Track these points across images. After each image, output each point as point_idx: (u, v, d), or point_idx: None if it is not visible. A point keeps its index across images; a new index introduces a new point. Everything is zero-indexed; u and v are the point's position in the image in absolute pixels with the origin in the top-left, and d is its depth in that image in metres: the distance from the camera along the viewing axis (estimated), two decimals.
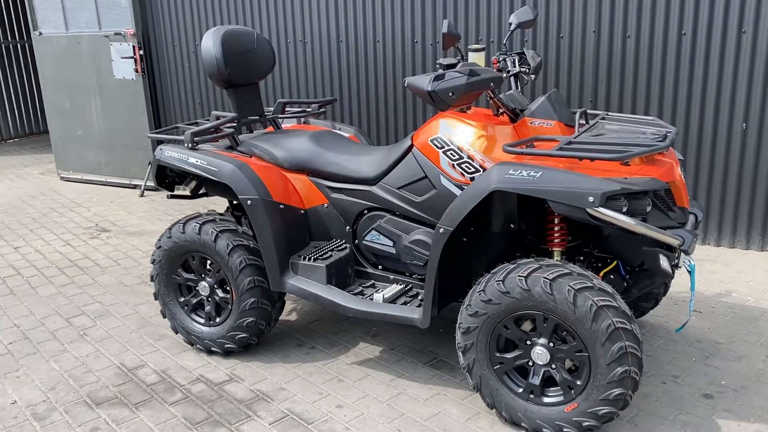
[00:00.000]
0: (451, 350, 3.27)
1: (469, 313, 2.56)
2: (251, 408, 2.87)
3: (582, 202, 2.32)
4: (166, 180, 3.52)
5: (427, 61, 5.16)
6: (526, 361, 2.55)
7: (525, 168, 2.43)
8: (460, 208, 2.57)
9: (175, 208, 5.96)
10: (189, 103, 6.50)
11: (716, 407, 2.75)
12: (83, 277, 4.42)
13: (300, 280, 3.05)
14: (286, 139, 3.27)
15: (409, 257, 2.97)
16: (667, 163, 2.57)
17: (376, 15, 5.26)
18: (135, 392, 3.01)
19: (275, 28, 5.78)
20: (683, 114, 4.40)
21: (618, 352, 2.31)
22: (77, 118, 6.84)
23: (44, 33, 6.76)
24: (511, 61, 3.02)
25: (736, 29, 4.12)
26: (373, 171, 3.03)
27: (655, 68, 4.40)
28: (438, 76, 2.52)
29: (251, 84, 3.51)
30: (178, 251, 3.23)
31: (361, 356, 3.28)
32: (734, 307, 3.63)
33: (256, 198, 3.01)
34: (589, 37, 4.54)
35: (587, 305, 2.32)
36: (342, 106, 5.65)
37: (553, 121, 2.72)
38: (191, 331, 3.31)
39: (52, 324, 3.74)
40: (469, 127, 2.76)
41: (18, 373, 3.22)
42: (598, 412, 2.40)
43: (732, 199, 4.39)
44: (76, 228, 5.52)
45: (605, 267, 2.80)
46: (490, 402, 2.63)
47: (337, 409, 2.83)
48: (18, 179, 7.38)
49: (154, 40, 6.47)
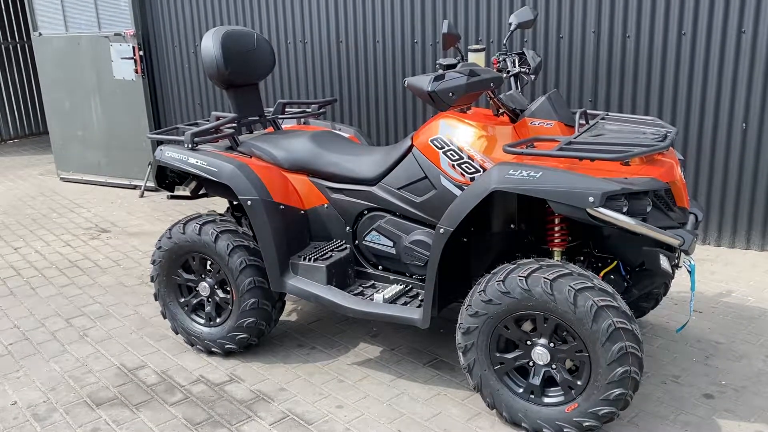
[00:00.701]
0: (451, 351, 3.27)
1: (470, 313, 2.56)
2: (252, 408, 2.87)
3: (582, 203, 2.32)
4: (167, 180, 3.53)
5: (427, 62, 5.16)
6: (527, 361, 2.55)
7: (525, 168, 2.43)
8: (460, 208, 2.57)
9: (175, 209, 5.96)
10: (189, 104, 6.50)
11: (717, 407, 2.75)
12: (83, 278, 4.42)
13: (300, 281, 3.05)
14: (286, 139, 3.27)
15: (410, 258, 2.97)
16: (667, 163, 2.57)
17: (376, 15, 5.26)
18: (135, 393, 3.01)
19: (275, 28, 5.78)
20: (683, 114, 4.40)
21: (618, 352, 2.31)
22: (77, 118, 6.84)
23: (44, 34, 6.76)
24: (511, 61, 3.02)
25: (736, 29, 4.12)
26: (373, 171, 3.03)
27: (654, 68, 4.40)
28: (438, 77, 2.52)
29: (251, 84, 3.51)
30: (178, 252, 3.23)
31: (361, 357, 3.28)
32: (734, 307, 3.63)
33: (256, 198, 3.01)
34: (589, 38, 4.54)
35: (587, 305, 2.32)
36: (342, 106, 5.65)
37: (553, 121, 2.72)
38: (191, 331, 3.31)
39: (53, 325, 3.74)
40: (469, 128, 2.76)
41: (18, 373, 3.22)
42: (598, 412, 2.40)
43: (732, 199, 4.39)
44: (76, 229, 5.52)
45: (605, 267, 2.80)
46: (490, 402, 2.63)
47: (337, 410, 2.83)
48: (18, 180, 7.38)
49: (154, 41, 6.47)
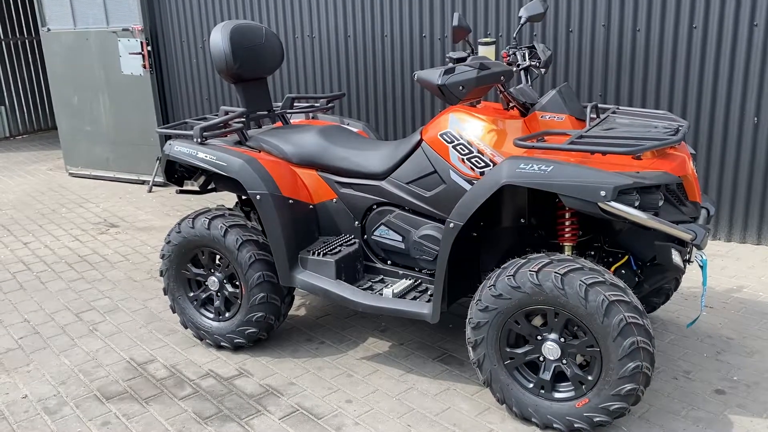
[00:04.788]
0: (460, 345, 3.26)
1: (480, 308, 2.55)
2: (261, 403, 2.87)
3: (594, 197, 2.30)
4: (176, 175, 3.53)
5: (435, 56, 5.14)
6: (537, 356, 2.54)
7: (536, 162, 2.42)
8: (470, 202, 2.55)
9: (183, 204, 5.97)
10: (196, 99, 6.50)
11: (728, 403, 2.74)
12: (92, 273, 4.44)
13: (309, 275, 3.05)
14: (295, 134, 3.27)
15: (419, 252, 2.96)
16: (679, 157, 2.55)
17: (384, 10, 5.24)
18: (145, 387, 3.02)
19: (283, 23, 5.77)
20: (693, 108, 4.36)
21: (630, 347, 2.30)
22: (85, 114, 6.86)
23: (52, 29, 6.77)
24: (521, 54, 3.00)
25: (748, 22, 4.08)
26: (382, 166, 3.02)
27: (665, 62, 4.37)
28: (448, 70, 2.50)
29: (260, 79, 3.50)
30: (187, 246, 3.23)
31: (370, 351, 3.27)
32: (746, 303, 3.61)
33: (265, 193, 3.01)
34: (599, 31, 4.51)
35: (599, 300, 2.31)
36: (350, 101, 5.64)
37: (564, 114, 2.70)
38: (200, 326, 3.31)
39: (62, 319, 3.75)
40: (478, 122, 2.74)
41: (29, 367, 3.23)
42: (609, 408, 2.39)
43: (743, 193, 4.35)
44: (85, 224, 5.54)
45: (616, 262, 2.78)
46: (500, 397, 2.62)
47: (346, 404, 2.83)
48: (27, 175, 7.41)
49: (162, 36, 6.48)
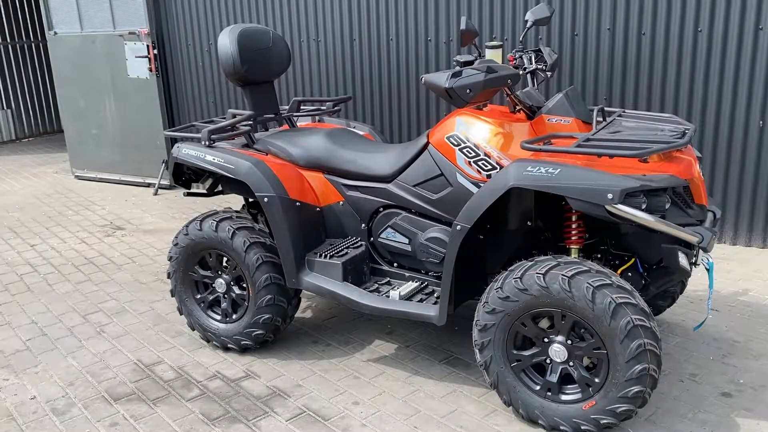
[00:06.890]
0: (466, 348, 3.27)
1: (487, 310, 2.56)
2: (268, 404, 2.88)
3: (601, 199, 2.31)
4: (183, 178, 3.55)
5: (441, 59, 5.16)
6: (544, 358, 2.54)
7: (543, 165, 2.43)
8: (477, 205, 2.56)
9: (188, 207, 5.99)
10: (202, 102, 6.53)
11: (735, 406, 2.74)
12: (99, 275, 4.45)
13: (316, 277, 3.06)
14: (302, 137, 3.28)
15: (425, 255, 2.97)
16: (685, 160, 2.56)
17: (390, 13, 5.26)
18: (152, 388, 3.03)
19: (289, 26, 5.80)
20: (699, 112, 4.37)
21: (637, 350, 2.30)
22: (92, 117, 6.89)
23: (59, 33, 6.81)
24: (528, 58, 3.01)
25: (753, 26, 4.09)
26: (389, 168, 3.03)
27: (670, 66, 4.37)
28: (455, 73, 2.52)
29: (267, 82, 3.52)
30: (195, 248, 3.25)
31: (376, 353, 3.28)
32: (751, 306, 3.61)
33: (272, 195, 3.02)
34: (604, 35, 4.52)
35: (606, 302, 2.31)
36: (356, 104, 5.66)
37: (571, 118, 2.71)
38: (208, 327, 3.32)
39: (69, 321, 3.77)
40: (485, 124, 2.75)
41: (37, 369, 3.25)
42: (616, 410, 2.39)
43: (748, 196, 4.35)
44: (91, 226, 5.56)
45: (623, 264, 2.78)
46: (507, 399, 2.63)
47: (353, 406, 2.84)
48: (33, 178, 7.44)
49: (168, 39, 6.51)
